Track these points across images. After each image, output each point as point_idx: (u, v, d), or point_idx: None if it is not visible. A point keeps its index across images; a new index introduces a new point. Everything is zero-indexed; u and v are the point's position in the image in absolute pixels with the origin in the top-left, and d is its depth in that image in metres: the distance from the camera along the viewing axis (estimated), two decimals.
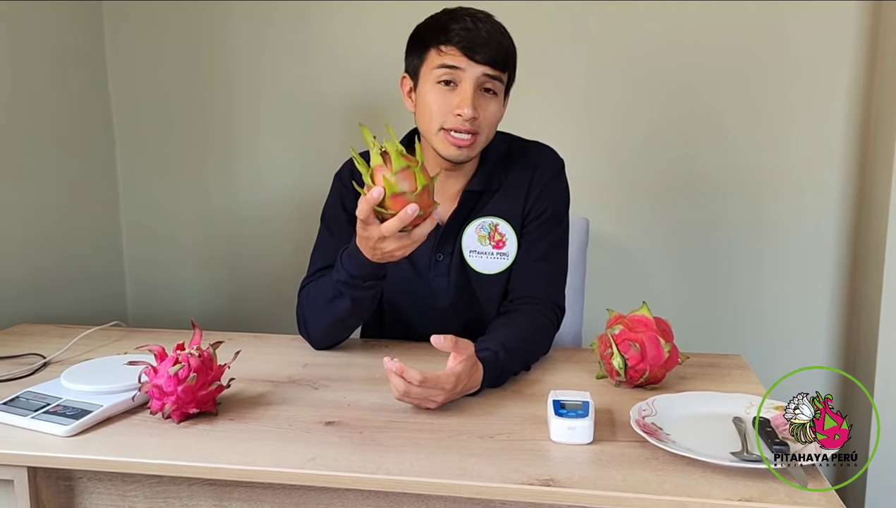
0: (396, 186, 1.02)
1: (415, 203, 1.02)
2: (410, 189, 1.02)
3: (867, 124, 1.81)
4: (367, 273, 1.16)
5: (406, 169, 1.02)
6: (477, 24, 1.19)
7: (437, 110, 1.21)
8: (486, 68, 1.19)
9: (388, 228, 1.04)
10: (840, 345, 1.92)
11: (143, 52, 2.05)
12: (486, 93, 1.21)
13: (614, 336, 1.14)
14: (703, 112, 1.89)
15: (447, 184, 1.32)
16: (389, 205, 1.03)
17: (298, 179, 2.06)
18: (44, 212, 1.82)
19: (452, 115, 1.20)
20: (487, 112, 1.22)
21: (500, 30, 1.22)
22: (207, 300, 2.17)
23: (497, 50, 1.19)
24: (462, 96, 1.19)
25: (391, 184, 1.02)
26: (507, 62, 1.22)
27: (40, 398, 1.05)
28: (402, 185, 1.02)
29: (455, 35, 1.18)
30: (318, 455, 0.92)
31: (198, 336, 1.06)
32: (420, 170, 1.03)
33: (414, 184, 1.02)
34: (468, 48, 1.18)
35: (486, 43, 1.18)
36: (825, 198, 1.87)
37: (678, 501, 0.81)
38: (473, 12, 1.22)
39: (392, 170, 1.02)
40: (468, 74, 1.19)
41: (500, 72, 1.21)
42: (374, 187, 1.02)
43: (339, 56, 1.98)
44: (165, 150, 2.10)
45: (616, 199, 1.96)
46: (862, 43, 1.79)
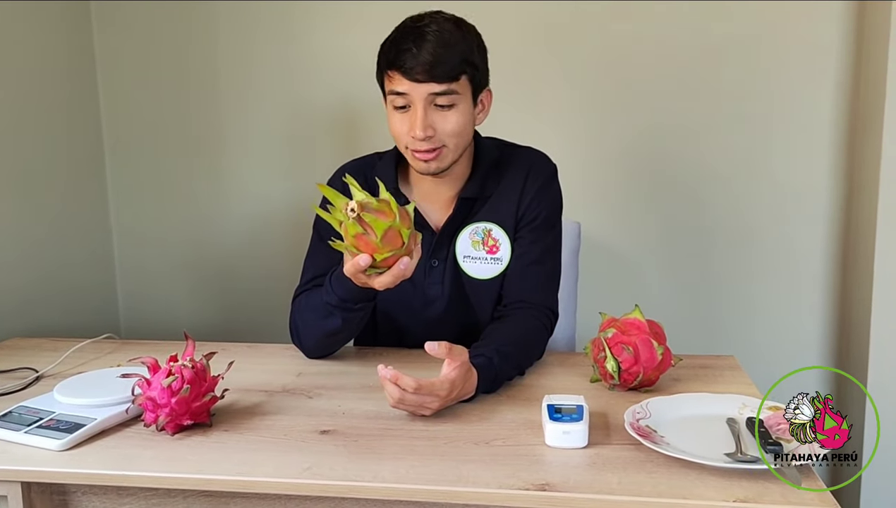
0: (385, 251, 1.00)
1: (405, 256, 1.02)
2: (398, 246, 1.01)
3: (854, 124, 1.83)
4: (356, 296, 1.17)
5: (389, 229, 0.99)
6: (419, 44, 1.16)
7: (397, 133, 1.24)
8: (430, 86, 1.18)
9: (383, 283, 1.05)
10: (832, 344, 1.93)
11: (132, 58, 2.05)
12: (441, 108, 1.21)
13: (607, 339, 1.14)
14: (692, 114, 1.90)
15: (440, 190, 1.33)
16: (380, 265, 1.02)
17: (289, 187, 2.06)
18: (33, 223, 1.81)
19: (409, 136, 1.21)
20: (446, 125, 1.21)
21: (448, 39, 1.18)
22: (200, 311, 2.16)
23: (442, 65, 1.17)
24: (413, 118, 1.20)
25: (378, 250, 1.00)
26: (456, 72, 1.19)
27: (33, 412, 1.04)
28: (390, 247, 1.00)
29: (397, 59, 1.18)
30: (314, 464, 0.91)
31: (191, 347, 1.06)
32: (401, 222, 1.01)
33: (401, 240, 1.01)
34: (409, 71, 1.17)
35: (428, 62, 1.16)
36: (815, 197, 1.88)
37: (673, 503, 0.82)
38: (421, 27, 1.19)
39: (378, 237, 0.99)
40: (415, 96, 1.19)
41: (450, 83, 1.19)
42: (362, 255, 1.01)
43: (329, 63, 1.98)
44: (156, 160, 2.10)
45: (607, 203, 1.96)
46: (847, 43, 1.80)
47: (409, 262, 1.03)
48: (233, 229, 2.11)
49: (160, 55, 2.05)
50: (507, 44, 1.88)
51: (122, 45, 2.04)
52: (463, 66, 1.20)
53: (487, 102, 1.30)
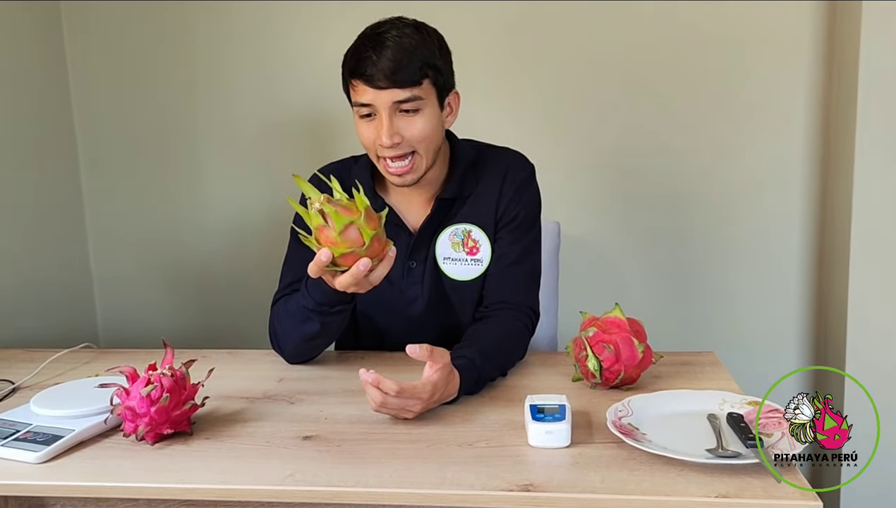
0: (343, 246, 1.00)
1: (365, 257, 1.01)
2: (358, 244, 1.01)
3: (828, 121, 1.85)
4: (332, 299, 1.16)
5: (349, 225, 1.00)
6: (379, 51, 1.16)
7: (366, 142, 1.24)
8: (393, 93, 1.17)
9: (343, 283, 1.04)
10: (809, 340, 1.96)
11: (104, 59, 2.02)
12: (406, 113, 1.20)
13: (588, 338, 1.14)
14: (669, 113, 1.91)
15: (417, 192, 1.32)
16: (340, 263, 1.02)
17: (266, 189, 2.04)
18: (6, 230, 1.78)
19: (378, 145, 1.21)
20: (413, 130, 1.21)
21: (408, 45, 1.17)
22: (179, 318, 2.14)
23: (403, 71, 1.17)
24: (378, 126, 1.20)
25: (336, 245, 1.00)
26: (418, 77, 1.19)
27: (9, 425, 1.02)
28: (348, 243, 1.00)
29: (358, 67, 1.18)
30: (297, 470, 0.91)
31: (170, 355, 1.05)
32: (365, 222, 1.00)
33: (361, 239, 1.00)
34: (371, 78, 1.17)
35: (389, 69, 1.16)
36: (790, 194, 1.90)
37: (656, 500, 0.82)
38: (380, 33, 1.18)
39: (336, 231, 0.99)
40: (379, 104, 1.18)
41: (412, 88, 1.18)
42: (322, 250, 1.01)
43: (305, 65, 1.97)
44: (131, 163, 2.07)
45: (587, 202, 1.97)
46: (819, 41, 1.83)
47: (369, 264, 1.02)
48: (211, 232, 2.09)
49: (133, 56, 2.02)
50: (483, 43, 1.89)
51: (94, 46, 2.02)
52: (425, 70, 1.19)
53: (455, 105, 1.30)
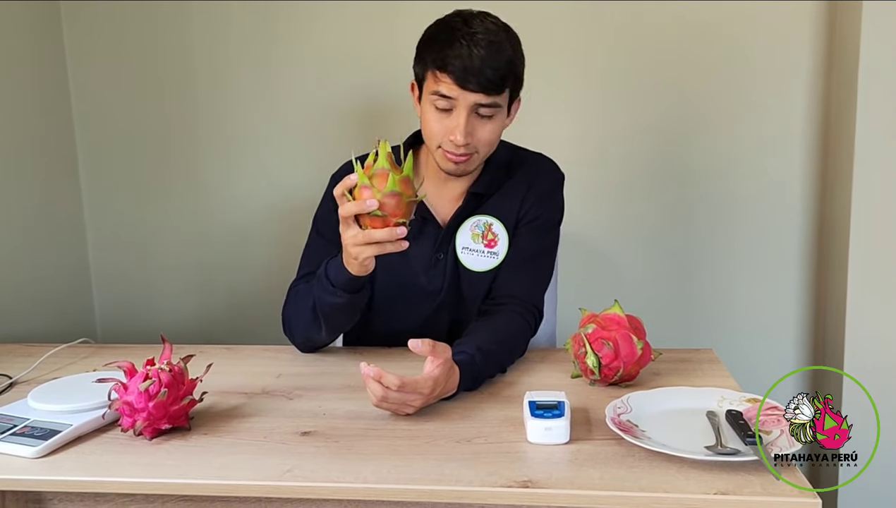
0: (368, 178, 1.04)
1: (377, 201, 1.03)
2: (381, 186, 1.03)
3: (828, 121, 1.85)
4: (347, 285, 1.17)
5: (381, 169, 1.04)
6: (472, 49, 1.17)
7: (434, 131, 1.24)
8: (479, 97, 1.19)
9: (346, 210, 1.06)
10: (808, 339, 1.96)
11: (104, 58, 2.01)
12: (482, 118, 1.22)
13: (587, 335, 1.14)
14: (668, 112, 1.91)
15: (450, 186, 1.35)
16: (368, 223, 1.05)
17: (266, 187, 2.04)
18: (6, 227, 1.78)
19: (447, 139, 1.22)
20: (483, 133, 1.23)
21: (498, 47, 1.19)
22: (177, 313, 2.13)
23: (492, 75, 1.18)
24: (455, 123, 1.21)
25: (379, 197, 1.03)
26: (503, 83, 1.20)
27: (7, 419, 1.02)
28: (377, 178, 1.04)
29: (450, 63, 1.18)
30: (295, 466, 0.91)
31: (168, 350, 1.04)
32: (401, 184, 1.04)
33: (384, 181, 1.03)
34: (461, 78, 1.17)
35: (480, 71, 1.17)
36: (790, 192, 1.90)
37: (655, 497, 0.82)
38: (474, 31, 1.19)
39: (382, 190, 1.03)
40: (461, 103, 1.20)
41: (496, 95, 1.20)
42: (370, 199, 1.03)
43: (307, 63, 1.97)
44: (130, 162, 2.07)
45: (586, 199, 1.97)
46: (819, 41, 1.83)
47: (375, 204, 1.02)
48: (209, 230, 2.09)
49: (133, 54, 2.02)
50: None
51: (94, 44, 2.01)
52: (510, 78, 1.21)
53: (516, 110, 1.31)
